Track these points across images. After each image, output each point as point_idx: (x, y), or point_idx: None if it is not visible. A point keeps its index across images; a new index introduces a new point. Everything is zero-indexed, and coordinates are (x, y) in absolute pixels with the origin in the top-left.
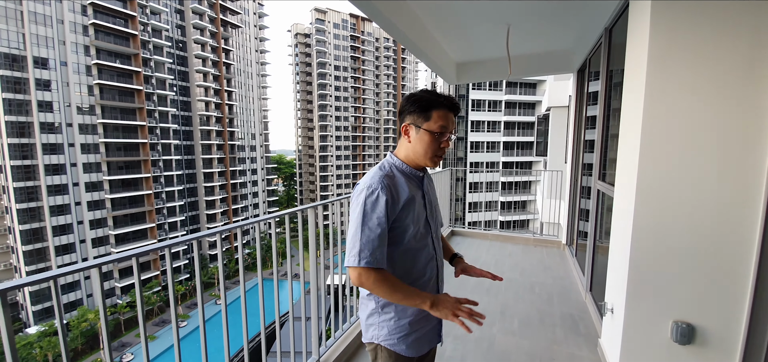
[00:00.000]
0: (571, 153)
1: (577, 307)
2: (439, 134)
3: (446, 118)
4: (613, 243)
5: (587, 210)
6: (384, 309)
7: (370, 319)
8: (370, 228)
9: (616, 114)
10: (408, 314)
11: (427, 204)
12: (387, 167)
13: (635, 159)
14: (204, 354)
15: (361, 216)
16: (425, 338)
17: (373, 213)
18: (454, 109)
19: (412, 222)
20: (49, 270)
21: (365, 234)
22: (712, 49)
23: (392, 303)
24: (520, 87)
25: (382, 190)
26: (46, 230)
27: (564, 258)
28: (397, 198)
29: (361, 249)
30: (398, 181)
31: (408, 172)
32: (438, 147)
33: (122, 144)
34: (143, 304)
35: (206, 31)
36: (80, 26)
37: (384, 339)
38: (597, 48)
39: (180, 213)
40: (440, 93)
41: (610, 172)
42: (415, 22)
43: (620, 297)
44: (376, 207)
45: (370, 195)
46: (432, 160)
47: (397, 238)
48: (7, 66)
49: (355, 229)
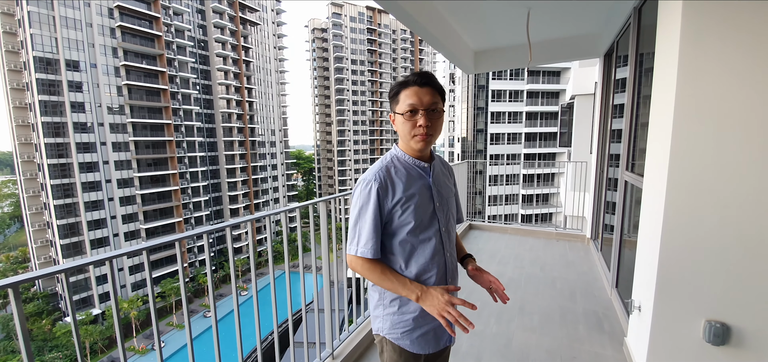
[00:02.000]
0: (597, 143)
1: (602, 304)
2: (410, 113)
3: (415, 94)
4: (641, 237)
5: (614, 203)
6: (388, 302)
7: (376, 310)
8: (363, 219)
9: (646, 101)
10: (411, 309)
11: (436, 196)
12: (388, 158)
13: (666, 147)
14: (239, 340)
15: (357, 208)
16: (432, 335)
17: (366, 205)
18: (425, 83)
19: (412, 216)
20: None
21: (359, 224)
22: (753, 23)
23: (397, 296)
24: (543, 75)
25: (374, 181)
26: (81, 225)
27: (588, 253)
28: (392, 189)
29: (353, 239)
30: (397, 173)
31: (409, 163)
32: (413, 126)
33: (150, 142)
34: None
35: (226, 30)
36: (108, 29)
37: (388, 332)
38: (625, 30)
39: (205, 208)
40: (415, 71)
41: (639, 162)
42: (430, 9)
43: (649, 294)
44: (369, 198)
45: (365, 188)
46: (414, 141)
47: (394, 230)
48: (42, 69)
49: (352, 220)
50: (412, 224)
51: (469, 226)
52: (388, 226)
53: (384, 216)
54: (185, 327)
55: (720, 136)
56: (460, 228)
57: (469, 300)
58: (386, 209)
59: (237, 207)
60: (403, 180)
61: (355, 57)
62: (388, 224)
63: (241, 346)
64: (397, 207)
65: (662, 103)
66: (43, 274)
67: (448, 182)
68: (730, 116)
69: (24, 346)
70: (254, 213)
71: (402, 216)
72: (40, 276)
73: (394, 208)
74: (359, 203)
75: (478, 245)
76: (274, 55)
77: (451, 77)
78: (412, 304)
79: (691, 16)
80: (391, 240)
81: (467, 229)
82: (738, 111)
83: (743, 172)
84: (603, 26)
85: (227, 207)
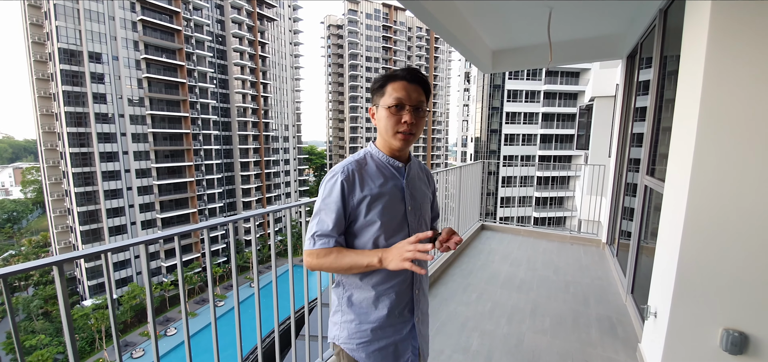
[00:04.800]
0: (616, 146)
1: (616, 310)
2: (396, 107)
3: (403, 89)
4: (660, 242)
5: (631, 208)
6: (347, 308)
7: (334, 316)
8: (325, 211)
9: (669, 104)
10: (371, 319)
11: (408, 199)
12: (362, 154)
13: (690, 151)
14: (259, 325)
15: (320, 200)
16: (391, 351)
17: (329, 197)
18: (415, 80)
19: (378, 216)
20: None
21: (319, 215)
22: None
23: (354, 304)
24: (562, 76)
25: (340, 174)
26: (101, 212)
27: (603, 258)
28: (360, 185)
29: (313, 232)
30: (368, 171)
31: (383, 161)
32: (397, 122)
33: (168, 134)
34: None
35: (244, 26)
36: (130, 22)
37: (344, 342)
38: (650, 31)
39: (219, 200)
40: (404, 66)
41: (659, 167)
42: (449, 8)
43: (665, 300)
44: (332, 191)
45: (331, 179)
46: (396, 138)
47: (357, 231)
48: (66, 61)
49: (314, 212)
50: (377, 224)
51: (481, 227)
52: (352, 225)
53: (348, 213)
54: (182, 320)
55: (745, 142)
56: (471, 229)
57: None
58: (350, 205)
59: (249, 201)
60: (374, 177)
61: (369, 54)
62: (352, 223)
63: (240, 343)
64: (362, 205)
65: (687, 106)
66: (87, 254)
67: (423, 186)
68: (756, 122)
69: (67, 324)
70: (266, 207)
71: (368, 216)
72: (83, 256)
73: (359, 206)
74: (322, 194)
75: (490, 246)
76: (289, 51)
77: (466, 76)
78: (372, 313)
79: (719, 18)
80: (355, 241)
81: (479, 230)
82: (765, 116)
83: (766, 178)
84: (626, 27)
85: (240, 200)
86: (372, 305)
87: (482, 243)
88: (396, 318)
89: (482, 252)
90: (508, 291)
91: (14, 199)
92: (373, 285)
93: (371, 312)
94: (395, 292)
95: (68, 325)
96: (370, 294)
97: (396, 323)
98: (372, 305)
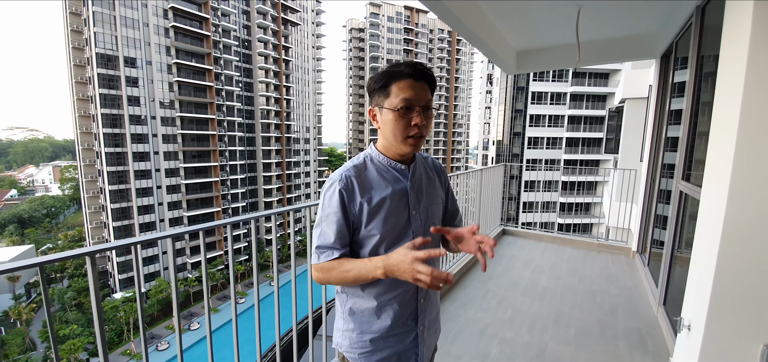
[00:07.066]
0: (649, 150)
1: (647, 322)
2: (404, 109)
3: (411, 88)
4: (696, 251)
5: (664, 216)
6: (348, 317)
7: (337, 322)
8: (326, 223)
9: (706, 107)
10: (372, 329)
11: (412, 202)
12: (361, 158)
13: (730, 156)
14: (280, 318)
15: (320, 212)
16: (394, 361)
17: (328, 207)
18: (422, 76)
19: (379, 228)
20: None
21: (321, 227)
22: None
23: (355, 313)
24: (589, 77)
25: (339, 182)
26: (132, 209)
27: (633, 267)
28: (360, 192)
29: (316, 245)
30: (368, 176)
31: (384, 164)
32: (407, 125)
33: (195, 135)
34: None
35: (269, 30)
36: (162, 28)
37: (346, 351)
38: (686, 30)
39: (241, 199)
40: (406, 61)
41: (696, 173)
42: (473, 8)
43: (701, 313)
44: (331, 201)
45: (329, 189)
46: (406, 143)
47: (362, 241)
48: (103, 65)
49: (315, 226)
50: (377, 236)
51: (502, 232)
52: (356, 234)
53: (350, 221)
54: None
55: None
56: (492, 233)
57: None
58: (352, 214)
59: (271, 201)
60: (375, 184)
61: (390, 56)
62: (355, 232)
63: (259, 341)
64: (363, 214)
65: (726, 109)
66: (117, 245)
67: (433, 186)
68: None
69: (97, 312)
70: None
71: (368, 226)
72: (114, 247)
73: (360, 214)
74: (322, 205)
75: (511, 252)
76: (312, 54)
77: (488, 78)
78: (373, 323)
79: (762, 17)
80: (359, 251)
81: (501, 234)
82: None
83: None
84: (660, 26)
85: (262, 200)
86: (374, 315)
87: (503, 249)
88: (399, 328)
89: (503, 257)
90: (530, 298)
91: (53, 196)
92: (375, 295)
93: (373, 322)
94: (398, 303)
95: (98, 314)
96: (372, 305)
97: (399, 333)
98: (374, 315)
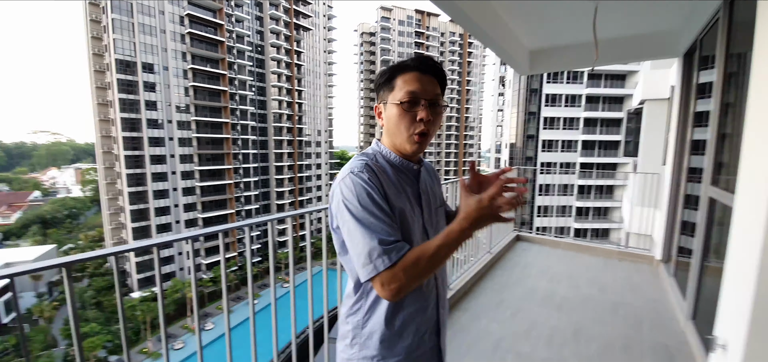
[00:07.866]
0: (674, 153)
1: (675, 337)
2: (409, 103)
3: (416, 80)
4: (730, 262)
5: (690, 222)
6: (350, 340)
7: (340, 343)
8: (372, 217)
9: (735, 107)
10: (395, 351)
11: (425, 207)
12: (371, 153)
13: (767, 160)
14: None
15: (355, 211)
16: None
17: (365, 197)
18: (429, 69)
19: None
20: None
21: (363, 229)
22: None
23: (357, 333)
24: (605, 79)
25: (364, 171)
26: (149, 211)
27: (658, 277)
28: (385, 186)
29: (371, 252)
30: (386, 174)
31: (397, 162)
32: (411, 120)
33: (210, 139)
34: None
35: (281, 35)
36: (179, 35)
37: None
38: (712, 26)
39: (254, 201)
40: (413, 56)
41: (726, 177)
42: (485, 8)
43: (739, 331)
44: (367, 191)
45: (357, 183)
46: (410, 141)
47: None
48: (122, 70)
49: (353, 235)
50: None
51: (516, 237)
52: None
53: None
54: (224, 312)
55: None
56: (505, 239)
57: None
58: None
59: (283, 203)
60: (393, 184)
61: (402, 60)
62: None
63: (276, 341)
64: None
65: (762, 110)
66: (139, 247)
67: (435, 190)
68: None
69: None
70: (303, 208)
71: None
72: (135, 249)
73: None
74: (356, 203)
75: (526, 259)
76: (323, 58)
77: (500, 80)
78: (396, 345)
79: None
80: None
81: (514, 241)
82: None
83: None
84: (684, 22)
85: (274, 202)
86: (396, 335)
87: (517, 256)
88: (423, 344)
89: (517, 265)
90: (548, 309)
91: (74, 197)
92: (396, 311)
93: (396, 342)
94: (421, 316)
95: (121, 312)
96: (395, 323)
97: (420, 352)
98: (396, 335)
